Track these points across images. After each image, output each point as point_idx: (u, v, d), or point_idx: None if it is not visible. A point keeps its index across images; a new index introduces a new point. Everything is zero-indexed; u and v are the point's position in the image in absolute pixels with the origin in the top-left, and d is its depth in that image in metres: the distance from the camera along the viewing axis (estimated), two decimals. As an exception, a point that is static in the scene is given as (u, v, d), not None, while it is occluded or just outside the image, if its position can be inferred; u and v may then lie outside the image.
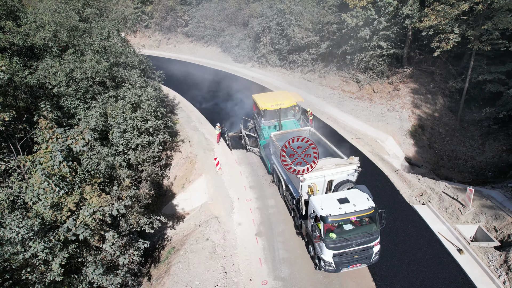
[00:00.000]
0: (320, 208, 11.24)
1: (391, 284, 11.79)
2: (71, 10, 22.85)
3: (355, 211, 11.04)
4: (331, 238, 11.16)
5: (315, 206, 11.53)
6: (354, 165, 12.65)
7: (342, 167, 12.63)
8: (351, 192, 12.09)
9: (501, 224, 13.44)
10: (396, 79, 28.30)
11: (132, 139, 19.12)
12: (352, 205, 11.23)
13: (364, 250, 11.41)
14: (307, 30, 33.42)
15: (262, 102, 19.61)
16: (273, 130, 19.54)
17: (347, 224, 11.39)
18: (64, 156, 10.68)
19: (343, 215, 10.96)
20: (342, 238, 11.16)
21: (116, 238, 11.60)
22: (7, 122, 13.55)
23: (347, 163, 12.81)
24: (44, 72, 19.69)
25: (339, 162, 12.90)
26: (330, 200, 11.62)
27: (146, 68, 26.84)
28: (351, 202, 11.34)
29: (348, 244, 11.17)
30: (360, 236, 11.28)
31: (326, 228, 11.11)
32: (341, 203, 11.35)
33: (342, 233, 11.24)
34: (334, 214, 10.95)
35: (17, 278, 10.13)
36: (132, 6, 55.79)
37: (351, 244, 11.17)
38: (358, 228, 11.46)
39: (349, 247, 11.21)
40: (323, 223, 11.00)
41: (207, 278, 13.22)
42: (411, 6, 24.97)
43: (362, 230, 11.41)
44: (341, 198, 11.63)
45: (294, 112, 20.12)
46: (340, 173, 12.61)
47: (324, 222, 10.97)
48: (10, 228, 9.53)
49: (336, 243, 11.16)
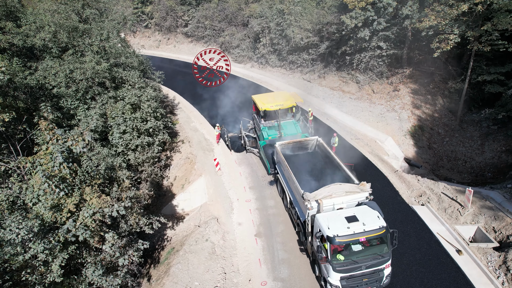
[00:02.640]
0: (326, 228, 10.41)
1: (390, 285, 11.80)
2: (71, 11, 22.84)
3: (365, 231, 10.19)
4: (338, 260, 10.36)
5: (321, 225, 10.68)
6: (366, 193, 11.73)
7: (353, 194, 11.64)
8: (360, 209, 11.21)
9: (500, 225, 13.47)
10: (396, 79, 28.31)
11: (132, 140, 19.14)
12: (361, 224, 10.38)
13: (374, 273, 10.59)
14: (306, 30, 33.44)
15: (261, 102, 19.58)
16: (272, 130, 19.51)
17: (356, 245, 10.50)
18: (64, 157, 10.69)
19: (352, 236, 10.13)
20: (350, 260, 10.32)
21: (116, 239, 11.61)
22: (7, 123, 13.55)
23: (358, 189, 11.76)
24: (44, 72, 19.71)
25: (349, 188, 11.81)
26: (338, 218, 10.76)
27: (145, 69, 26.84)
28: (360, 221, 10.48)
29: (357, 266, 10.36)
30: (370, 258, 10.44)
31: (333, 249, 10.26)
32: (350, 221, 10.49)
33: (350, 255, 10.39)
34: (342, 235, 10.12)
35: (17, 279, 10.15)
36: (132, 7, 55.94)
37: (360, 266, 10.37)
38: (367, 249, 10.57)
39: (358, 269, 10.41)
40: (330, 243, 10.20)
41: (207, 278, 13.25)
42: (411, 6, 25.00)
43: (372, 251, 10.53)
44: (349, 216, 10.74)
45: (293, 112, 20.08)
46: (350, 201, 11.69)
47: (331, 243, 10.16)
48: (10, 229, 9.54)
49: (344, 266, 10.33)
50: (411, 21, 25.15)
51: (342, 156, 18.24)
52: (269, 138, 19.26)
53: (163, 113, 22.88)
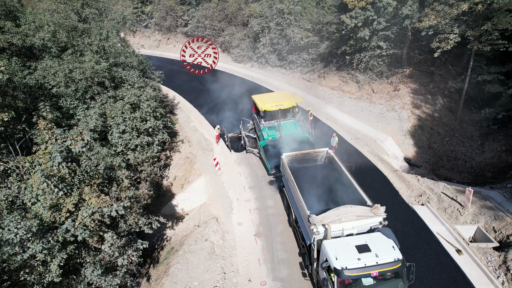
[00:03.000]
0: (334, 258, 9.29)
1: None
2: (70, 10, 22.83)
3: (378, 264, 9.03)
4: None
5: (328, 254, 9.55)
6: (380, 217, 10.48)
7: (365, 219, 10.40)
8: (373, 237, 9.98)
9: (500, 225, 13.45)
10: (396, 79, 28.29)
11: (131, 139, 19.11)
12: (373, 255, 9.22)
13: None
14: (306, 30, 33.42)
15: (261, 102, 19.46)
16: (272, 131, 19.37)
17: (366, 278, 9.32)
18: (63, 157, 10.66)
19: (363, 269, 9.00)
20: None
21: (115, 239, 11.58)
22: (6, 122, 13.54)
23: (371, 214, 10.51)
24: (43, 72, 19.68)
25: (361, 212, 10.57)
26: (347, 247, 9.59)
27: (145, 68, 26.83)
28: (373, 251, 9.31)
29: None
30: None
31: (340, 281, 9.14)
32: (360, 251, 9.32)
33: None
34: (351, 267, 8.99)
35: (15, 279, 10.13)
36: (132, 6, 55.90)
37: None
38: (380, 283, 9.41)
39: None
40: (337, 276, 9.11)
41: (206, 278, 13.22)
42: (411, 6, 24.98)
43: (386, 286, 9.44)
44: (360, 245, 9.56)
45: (293, 112, 19.98)
46: (361, 226, 10.50)
47: (339, 276, 9.06)
48: (9, 229, 9.51)
49: None
50: (411, 20, 25.13)
51: (342, 155, 18.24)
52: (269, 138, 19.13)
53: (163, 113, 22.86)
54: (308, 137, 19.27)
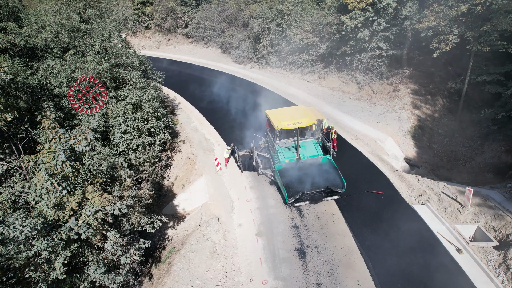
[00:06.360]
0: None
1: (390, 284, 11.88)
2: (72, 11, 22.94)
3: None
4: None
5: None
6: None
7: None
8: None
9: (500, 224, 13.54)
10: (396, 80, 28.43)
11: (133, 139, 19.19)
12: None
13: None
14: (306, 31, 33.59)
15: (277, 120, 16.92)
16: (290, 152, 17.18)
17: None
18: (66, 156, 10.74)
19: None
20: None
21: (118, 237, 11.65)
22: (9, 122, 13.63)
23: None
24: (46, 72, 19.77)
25: None
26: None
27: (146, 69, 26.94)
28: None
29: None
30: None
31: None
32: None
33: None
34: None
35: (20, 277, 10.20)
36: (133, 7, 56.02)
37: None
38: None
39: None
40: None
41: (208, 277, 13.30)
42: (411, 7, 25.14)
43: None
44: None
45: (312, 130, 17.65)
46: None
47: None
48: (14, 226, 9.59)
49: None
50: (411, 21, 25.30)
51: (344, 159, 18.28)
52: (285, 161, 16.75)
53: (164, 113, 22.96)
54: (330, 159, 17.21)
